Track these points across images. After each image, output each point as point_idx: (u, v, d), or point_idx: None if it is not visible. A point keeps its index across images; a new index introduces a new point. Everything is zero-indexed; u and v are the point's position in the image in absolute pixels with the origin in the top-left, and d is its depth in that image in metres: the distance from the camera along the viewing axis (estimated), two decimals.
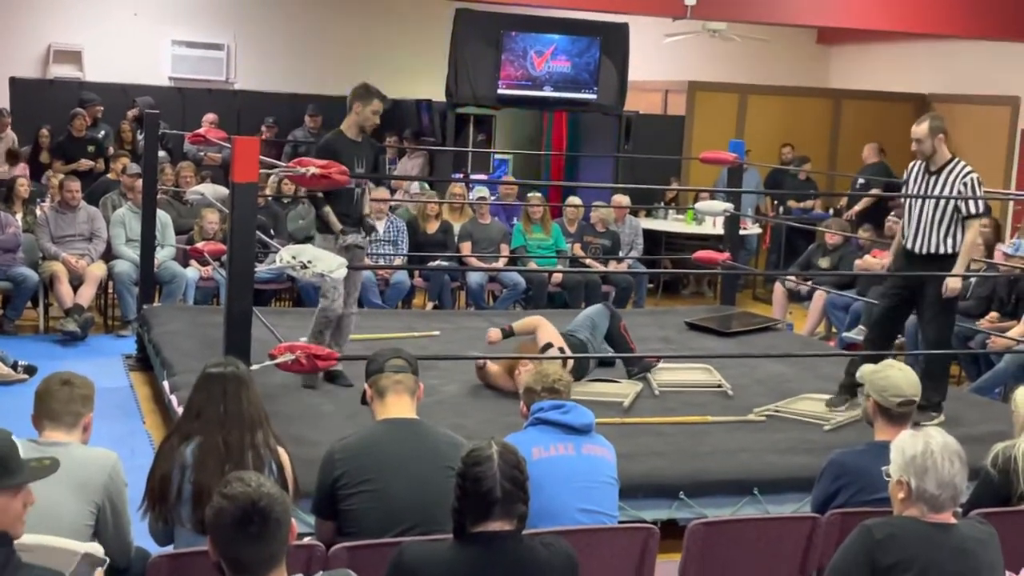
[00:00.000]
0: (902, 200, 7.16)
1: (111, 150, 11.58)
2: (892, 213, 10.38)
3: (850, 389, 6.43)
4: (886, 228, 10.08)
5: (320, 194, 6.25)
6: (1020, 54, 12.88)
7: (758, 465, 5.58)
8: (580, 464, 4.08)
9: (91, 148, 11.39)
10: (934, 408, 6.37)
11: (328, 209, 6.27)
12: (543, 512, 3.86)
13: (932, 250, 6.40)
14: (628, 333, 7.16)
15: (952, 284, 6.31)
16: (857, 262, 9.80)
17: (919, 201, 6.41)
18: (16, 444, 2.98)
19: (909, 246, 6.53)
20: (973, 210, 6.29)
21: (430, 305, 10.16)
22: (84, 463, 3.57)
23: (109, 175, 10.84)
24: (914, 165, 6.54)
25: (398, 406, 3.90)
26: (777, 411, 6.40)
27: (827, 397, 6.57)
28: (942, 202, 6.32)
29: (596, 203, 10.87)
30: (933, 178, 6.42)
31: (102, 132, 11.76)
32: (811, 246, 10.59)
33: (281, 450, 3.77)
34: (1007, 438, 4.29)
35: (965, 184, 6.31)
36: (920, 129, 6.36)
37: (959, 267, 6.34)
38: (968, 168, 6.36)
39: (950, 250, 6.37)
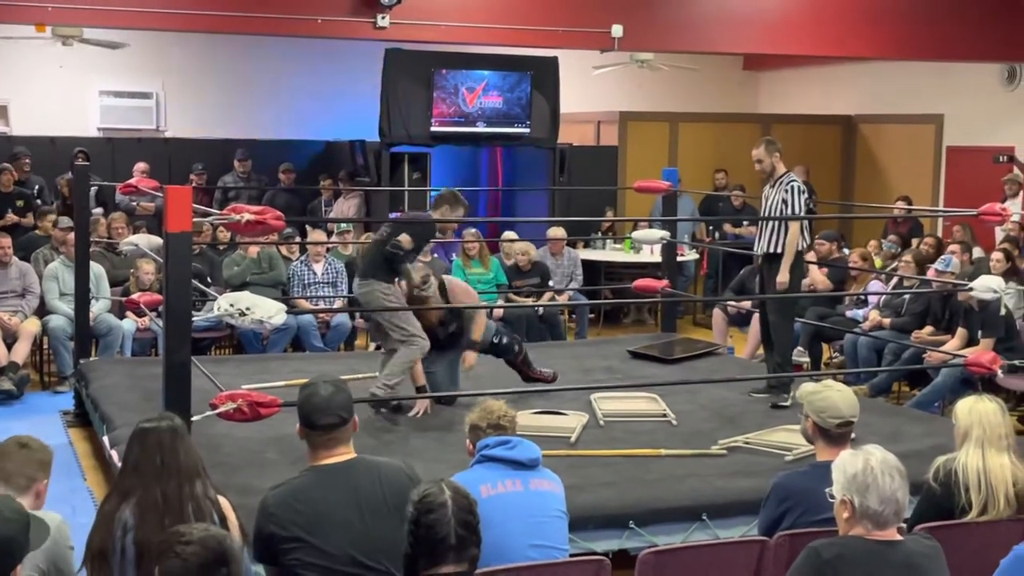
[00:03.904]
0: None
1: (41, 203, 11.41)
2: (819, 235, 10.51)
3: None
4: (815, 248, 10.19)
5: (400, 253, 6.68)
6: (942, 73, 13.19)
7: (706, 490, 5.60)
8: (529, 499, 4.06)
9: (19, 203, 11.21)
10: (784, 390, 7.27)
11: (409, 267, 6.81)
12: (494, 550, 3.83)
13: (767, 250, 7.44)
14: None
15: (779, 279, 7.29)
16: None
17: (763, 212, 7.53)
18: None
19: (755, 250, 7.66)
20: (791, 213, 7.25)
21: (372, 346, 10.11)
22: None
23: (37, 231, 10.62)
24: (766, 185, 7.53)
25: (332, 455, 3.80)
26: (747, 442, 6.37)
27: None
28: (775, 209, 7.36)
29: (507, 239, 10.89)
30: (772, 191, 7.42)
31: (36, 187, 11.59)
32: (743, 269, 10.68)
33: (222, 499, 3.71)
34: (948, 452, 4.35)
35: (787, 191, 7.29)
36: (758, 151, 7.42)
37: (784, 263, 7.30)
38: (793, 178, 7.38)
39: (779, 249, 7.36)
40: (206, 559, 2.56)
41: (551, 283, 10.75)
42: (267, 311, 5.28)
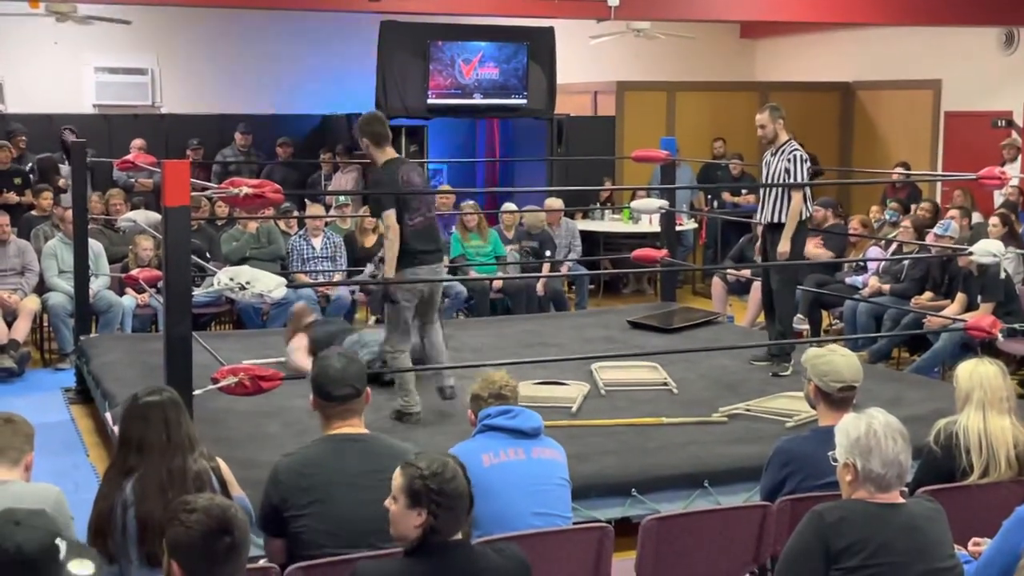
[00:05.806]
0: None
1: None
2: (815, 202, 10.47)
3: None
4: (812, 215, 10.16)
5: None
6: (939, 38, 13.13)
7: (707, 457, 5.62)
8: (531, 468, 4.07)
9: (17, 180, 11.17)
10: (785, 359, 7.28)
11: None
12: (497, 518, 3.86)
13: (770, 219, 7.36)
14: None
15: (780, 248, 7.21)
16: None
17: (764, 179, 7.43)
18: None
19: (758, 219, 7.62)
20: (796, 182, 7.20)
21: (372, 319, 10.12)
22: (25, 500, 3.50)
23: (33, 212, 10.57)
24: (767, 152, 7.46)
25: (346, 425, 3.85)
26: (748, 410, 6.40)
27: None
28: (777, 178, 7.28)
29: (525, 208, 10.91)
30: (774, 159, 7.35)
31: (29, 164, 11.55)
32: (743, 238, 10.68)
33: (218, 460, 3.75)
34: (948, 416, 4.36)
35: (790, 159, 7.22)
36: (763, 116, 7.35)
37: (786, 233, 7.23)
38: (796, 147, 7.29)
39: (782, 219, 7.28)
40: (210, 527, 2.58)
41: (547, 253, 10.72)
42: (267, 285, 5.26)
